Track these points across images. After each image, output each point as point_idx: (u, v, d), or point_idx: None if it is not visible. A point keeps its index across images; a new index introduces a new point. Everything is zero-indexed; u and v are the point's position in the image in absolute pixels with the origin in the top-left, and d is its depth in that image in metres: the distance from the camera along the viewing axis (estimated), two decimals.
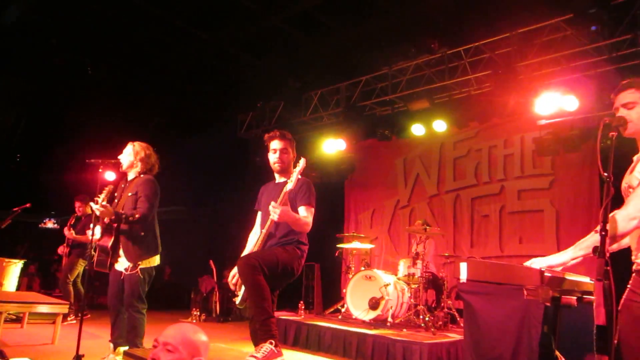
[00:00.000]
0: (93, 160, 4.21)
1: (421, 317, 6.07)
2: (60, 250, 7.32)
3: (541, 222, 7.42)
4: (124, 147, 4.44)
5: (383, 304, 6.14)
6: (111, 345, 4.21)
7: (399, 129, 8.48)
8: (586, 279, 2.72)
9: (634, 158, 2.35)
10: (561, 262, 2.48)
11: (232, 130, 10.16)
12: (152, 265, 4.22)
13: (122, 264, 4.16)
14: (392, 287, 6.28)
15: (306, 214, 3.49)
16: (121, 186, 4.40)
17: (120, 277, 4.15)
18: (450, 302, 6.52)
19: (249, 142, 9.86)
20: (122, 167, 4.35)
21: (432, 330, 5.73)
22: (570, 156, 7.04)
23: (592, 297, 2.71)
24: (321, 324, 6.24)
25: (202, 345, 1.94)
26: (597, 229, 2.07)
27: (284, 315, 6.73)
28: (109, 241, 4.14)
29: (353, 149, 9.04)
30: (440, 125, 7.85)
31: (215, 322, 8.60)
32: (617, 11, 5.71)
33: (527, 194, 7.67)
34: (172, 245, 9.09)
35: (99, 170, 4.22)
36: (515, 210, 7.74)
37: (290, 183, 3.35)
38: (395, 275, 6.73)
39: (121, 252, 4.17)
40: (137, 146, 4.41)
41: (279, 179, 3.72)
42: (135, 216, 4.05)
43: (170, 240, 8.04)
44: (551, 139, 6.86)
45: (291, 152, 3.68)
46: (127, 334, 4.10)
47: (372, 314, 6.20)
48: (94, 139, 8.55)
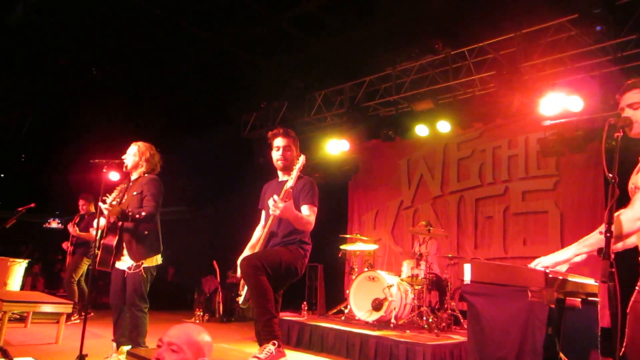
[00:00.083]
0: (97, 160, 4.23)
1: (424, 318, 6.05)
2: (65, 245, 7.35)
3: (545, 224, 7.39)
4: (127, 147, 4.45)
5: (386, 305, 6.12)
6: (114, 344, 4.21)
7: (403, 130, 8.47)
8: (591, 280, 2.71)
9: None
10: (565, 258, 2.48)
11: (236, 131, 10.18)
12: (154, 265, 4.24)
13: (125, 263, 4.18)
14: (396, 288, 6.26)
15: (309, 213, 3.48)
16: (124, 186, 4.41)
17: (122, 276, 4.17)
18: (453, 304, 6.51)
19: (253, 142, 9.87)
20: (126, 167, 4.36)
21: (436, 331, 5.72)
22: (575, 157, 7.02)
23: (596, 299, 2.70)
24: (324, 324, 6.23)
25: (206, 346, 1.95)
26: (601, 231, 2.06)
27: (287, 316, 6.73)
28: (113, 240, 4.16)
29: (357, 149, 9.03)
30: (444, 126, 7.83)
31: (218, 323, 8.60)
32: (622, 11, 5.69)
33: (531, 195, 7.64)
34: (175, 245, 9.17)
35: (103, 170, 4.24)
36: (520, 211, 7.70)
37: (291, 180, 3.35)
38: (398, 276, 6.71)
39: (125, 251, 4.19)
40: (142, 146, 4.43)
41: (282, 177, 3.70)
42: (142, 214, 4.07)
43: (174, 240, 8.10)
44: (556, 140, 6.84)
45: (294, 150, 3.66)
46: (129, 333, 4.11)
47: (375, 315, 6.18)
48: (98, 139, 8.57)
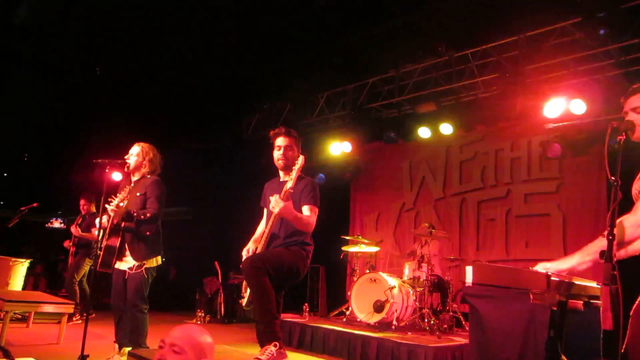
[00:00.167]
0: (100, 160, 4.23)
1: (426, 320, 6.04)
2: (67, 244, 7.35)
3: (548, 226, 7.37)
4: (129, 147, 4.46)
5: (388, 307, 6.11)
6: (116, 345, 4.22)
7: (406, 132, 8.45)
8: (593, 283, 2.70)
9: None
10: (568, 267, 2.46)
11: (238, 131, 10.18)
12: (155, 265, 4.26)
13: (127, 264, 4.19)
14: (397, 290, 6.25)
15: (309, 214, 3.48)
16: (128, 187, 4.42)
17: (124, 276, 4.18)
18: (455, 306, 6.49)
19: (255, 143, 9.87)
20: (128, 167, 4.37)
21: (437, 333, 5.70)
22: (578, 160, 7.00)
23: (599, 302, 2.70)
24: (326, 326, 6.22)
25: (208, 347, 1.95)
26: (604, 234, 2.05)
27: (288, 318, 6.71)
28: (116, 241, 4.18)
29: (359, 151, 9.02)
30: (446, 128, 7.82)
31: (220, 324, 8.59)
32: (626, 15, 5.68)
33: (533, 197, 7.62)
34: (177, 246, 9.16)
35: (105, 170, 4.24)
36: (522, 214, 7.68)
37: (290, 181, 3.35)
38: (400, 278, 6.70)
39: (127, 252, 4.20)
40: (145, 147, 4.45)
41: (283, 177, 3.69)
42: (147, 215, 4.08)
43: (176, 241, 8.10)
44: (558, 143, 6.83)
45: (296, 150, 3.65)
46: (130, 334, 4.12)
47: (377, 317, 6.17)
48: (100, 139, 8.59)
